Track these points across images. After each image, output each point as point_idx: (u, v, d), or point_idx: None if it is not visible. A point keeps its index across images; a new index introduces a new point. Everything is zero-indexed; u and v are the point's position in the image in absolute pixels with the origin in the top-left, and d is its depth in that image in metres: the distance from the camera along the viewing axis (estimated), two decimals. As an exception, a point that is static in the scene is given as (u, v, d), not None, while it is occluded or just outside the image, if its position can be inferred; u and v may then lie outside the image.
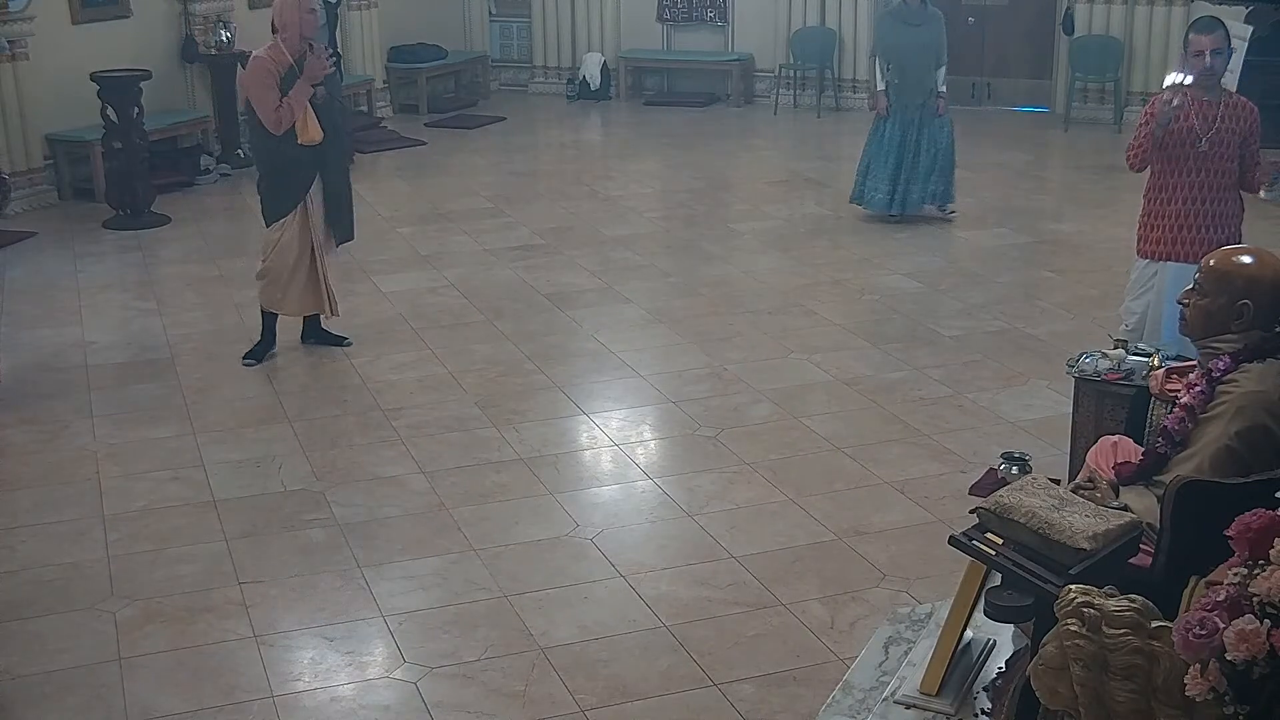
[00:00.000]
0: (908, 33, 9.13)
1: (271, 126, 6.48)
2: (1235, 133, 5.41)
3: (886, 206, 9.38)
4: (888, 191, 9.34)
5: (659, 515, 5.20)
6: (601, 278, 8.30)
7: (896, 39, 9.20)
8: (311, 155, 6.61)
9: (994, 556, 3.25)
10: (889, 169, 9.30)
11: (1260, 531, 2.41)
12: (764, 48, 14.38)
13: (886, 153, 9.31)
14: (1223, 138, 5.39)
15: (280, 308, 6.86)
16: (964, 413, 6.14)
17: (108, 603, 4.60)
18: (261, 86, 6.45)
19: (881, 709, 3.55)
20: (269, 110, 6.45)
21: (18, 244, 9.14)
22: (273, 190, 6.72)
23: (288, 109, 6.45)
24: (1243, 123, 5.42)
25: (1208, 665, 2.27)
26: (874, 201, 9.43)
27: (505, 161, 12.01)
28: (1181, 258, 5.44)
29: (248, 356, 6.87)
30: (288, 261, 6.72)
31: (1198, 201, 5.45)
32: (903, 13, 9.22)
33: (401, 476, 5.55)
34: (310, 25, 6.57)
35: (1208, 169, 5.41)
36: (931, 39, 9.12)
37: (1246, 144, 5.45)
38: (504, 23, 15.59)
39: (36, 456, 5.81)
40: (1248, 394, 3.37)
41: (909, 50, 9.12)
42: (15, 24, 9.81)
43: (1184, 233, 5.49)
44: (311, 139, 6.56)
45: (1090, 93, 13.18)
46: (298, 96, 6.46)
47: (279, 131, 6.50)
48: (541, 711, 3.97)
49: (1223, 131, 5.39)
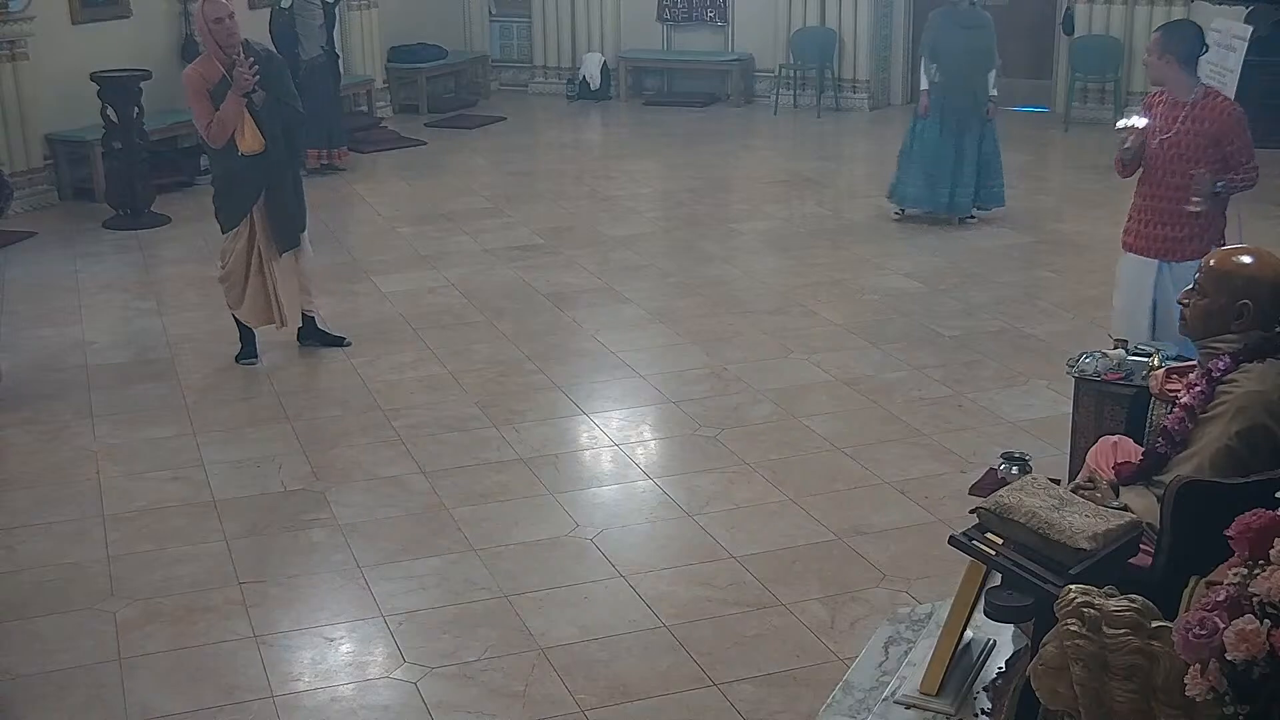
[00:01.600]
0: (959, 35, 9.04)
1: (209, 140, 6.48)
2: (1199, 134, 5.33)
3: (919, 203, 9.34)
4: (921, 188, 9.28)
5: (659, 515, 5.20)
6: (601, 278, 8.30)
7: (948, 41, 9.09)
8: (254, 165, 6.55)
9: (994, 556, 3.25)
10: (925, 168, 9.22)
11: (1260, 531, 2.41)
12: (764, 48, 14.37)
13: (922, 151, 9.24)
14: (1180, 139, 5.36)
15: (239, 313, 6.85)
16: (964, 413, 6.14)
17: (108, 603, 4.60)
18: (194, 100, 6.43)
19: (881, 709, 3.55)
20: (204, 123, 6.44)
21: (18, 244, 9.15)
22: (221, 200, 6.71)
23: (219, 123, 6.40)
24: (1211, 125, 5.32)
25: (1208, 665, 2.27)
26: (907, 198, 9.40)
27: (505, 161, 12.01)
28: (1137, 250, 5.60)
29: (243, 358, 6.86)
30: (240, 269, 6.72)
31: (1151, 198, 5.50)
32: (954, 14, 9.11)
33: (401, 476, 5.55)
34: (223, 34, 6.41)
35: (1163, 167, 5.44)
36: (983, 43, 9.07)
37: (1220, 145, 5.33)
38: (504, 23, 15.59)
39: (36, 456, 5.81)
40: (1248, 394, 3.36)
41: (959, 53, 9.03)
42: (15, 24, 9.80)
43: (1140, 226, 5.58)
44: (251, 149, 6.50)
45: (1090, 93, 13.18)
46: (229, 109, 6.39)
47: (216, 144, 6.48)
48: (541, 711, 3.97)
49: (1181, 133, 5.36)
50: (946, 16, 9.22)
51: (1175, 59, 5.37)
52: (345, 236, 9.56)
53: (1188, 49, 5.37)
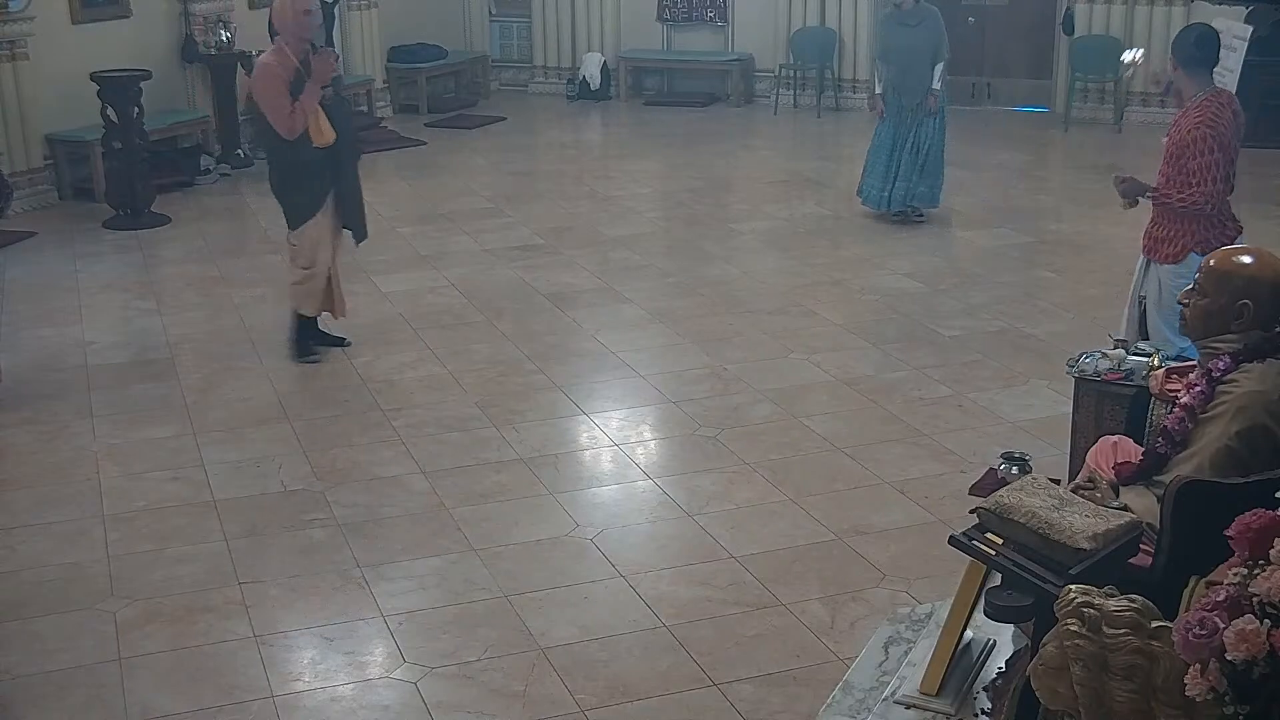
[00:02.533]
0: (904, 34, 9.17)
1: (286, 132, 6.41)
2: (1174, 141, 5.31)
3: (878, 205, 9.45)
4: (879, 189, 9.40)
5: (659, 515, 5.20)
6: (601, 278, 8.30)
7: (895, 40, 9.25)
8: (326, 156, 6.56)
9: (994, 556, 3.26)
10: (881, 167, 9.38)
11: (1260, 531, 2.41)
12: (764, 48, 14.38)
13: (878, 151, 9.41)
14: (1169, 140, 5.39)
15: (305, 308, 6.83)
16: (964, 413, 6.14)
17: (108, 603, 4.60)
18: (272, 93, 6.38)
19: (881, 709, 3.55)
20: (282, 116, 6.38)
21: (18, 244, 9.15)
22: (294, 195, 6.65)
23: (300, 113, 6.38)
24: (1179, 130, 5.30)
25: (1208, 665, 2.27)
26: (869, 198, 9.53)
27: (505, 161, 12.01)
28: (1143, 250, 5.61)
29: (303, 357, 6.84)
30: (325, 262, 6.71)
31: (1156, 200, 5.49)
32: (898, 15, 9.26)
33: (401, 476, 5.55)
34: (308, 26, 6.51)
35: (1162, 169, 5.45)
36: (927, 38, 9.15)
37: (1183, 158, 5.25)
38: (504, 23, 15.59)
39: (36, 456, 5.81)
40: (1248, 394, 3.37)
41: (906, 51, 9.16)
42: (15, 24, 9.81)
43: (1148, 226, 5.58)
44: (326, 141, 6.51)
45: (1090, 93, 13.18)
46: (308, 99, 6.40)
47: (293, 137, 6.43)
48: (541, 711, 3.97)
49: (1171, 134, 5.39)
50: (891, 18, 9.42)
51: (1178, 63, 5.38)
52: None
53: (1185, 51, 5.36)
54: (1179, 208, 5.30)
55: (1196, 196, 5.23)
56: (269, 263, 8.68)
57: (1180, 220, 5.34)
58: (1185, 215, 5.31)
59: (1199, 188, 5.22)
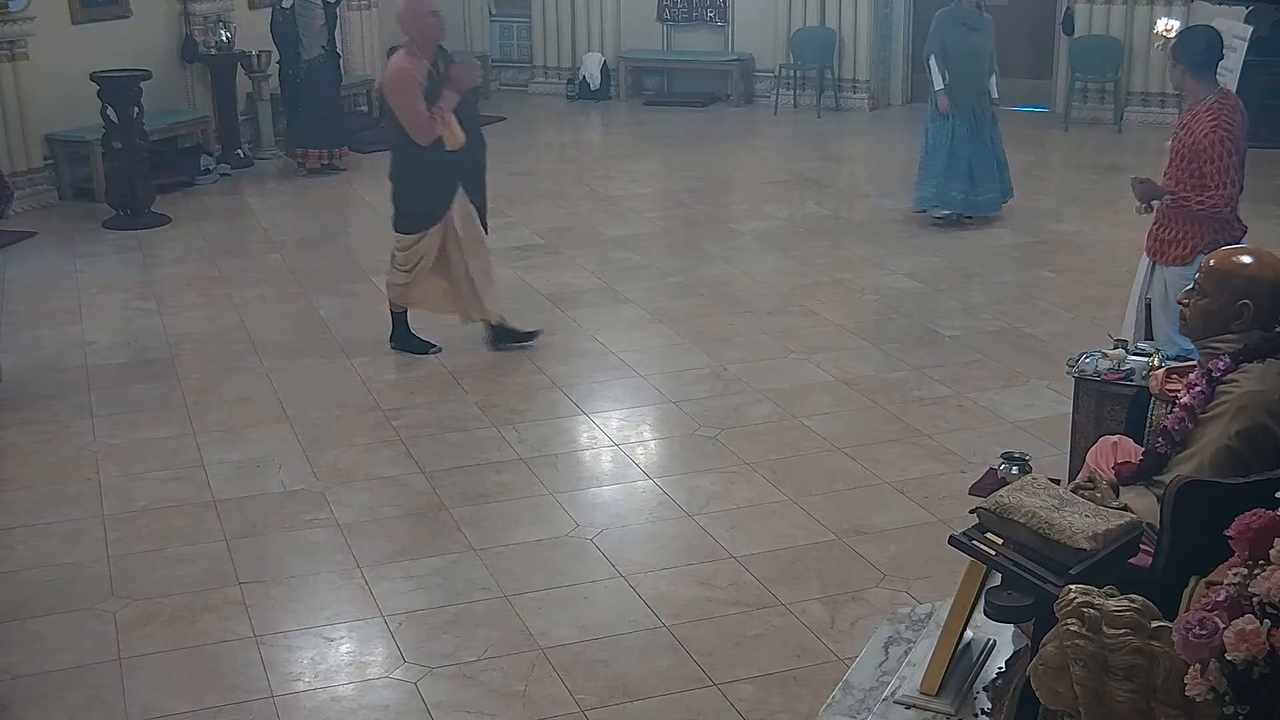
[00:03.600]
0: (965, 35, 9.07)
1: (421, 137, 6.33)
2: (1186, 144, 5.29)
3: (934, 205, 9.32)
4: (934, 189, 9.28)
5: (659, 515, 5.20)
6: (601, 278, 8.30)
7: (956, 40, 9.10)
8: (456, 160, 6.51)
9: (994, 556, 3.25)
10: (939, 167, 9.22)
11: (1260, 531, 2.41)
12: (764, 48, 14.38)
13: (935, 153, 9.25)
14: (1178, 143, 5.37)
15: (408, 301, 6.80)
16: (964, 413, 6.13)
17: (107, 603, 4.60)
18: (408, 97, 6.30)
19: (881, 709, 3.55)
20: (420, 121, 6.30)
21: (18, 244, 9.15)
22: (415, 204, 6.56)
23: (438, 119, 6.32)
24: (1194, 138, 5.27)
25: (1208, 665, 2.27)
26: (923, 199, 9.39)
27: (505, 161, 11.97)
28: (1147, 252, 5.60)
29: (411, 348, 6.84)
30: (428, 265, 6.64)
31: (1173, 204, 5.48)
32: (960, 14, 9.14)
33: (401, 476, 5.55)
34: (436, 28, 6.44)
35: (1169, 172, 5.43)
36: (985, 44, 9.11)
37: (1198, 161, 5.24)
38: (504, 23, 15.60)
39: (36, 456, 5.81)
40: (1248, 394, 3.37)
41: (964, 53, 9.06)
42: (15, 24, 9.81)
43: (1153, 228, 5.57)
44: (459, 143, 6.44)
45: (1090, 93, 13.19)
46: (449, 104, 6.34)
47: (428, 141, 6.35)
48: (541, 711, 3.97)
49: (1181, 137, 5.37)
50: (952, 17, 9.24)
51: (1184, 65, 5.37)
52: (345, 237, 9.57)
53: (1193, 55, 5.34)
54: (1197, 210, 5.28)
55: (1215, 200, 5.23)
56: (269, 263, 8.69)
57: (1189, 222, 5.33)
58: (1200, 218, 5.31)
59: (1218, 191, 5.22)
